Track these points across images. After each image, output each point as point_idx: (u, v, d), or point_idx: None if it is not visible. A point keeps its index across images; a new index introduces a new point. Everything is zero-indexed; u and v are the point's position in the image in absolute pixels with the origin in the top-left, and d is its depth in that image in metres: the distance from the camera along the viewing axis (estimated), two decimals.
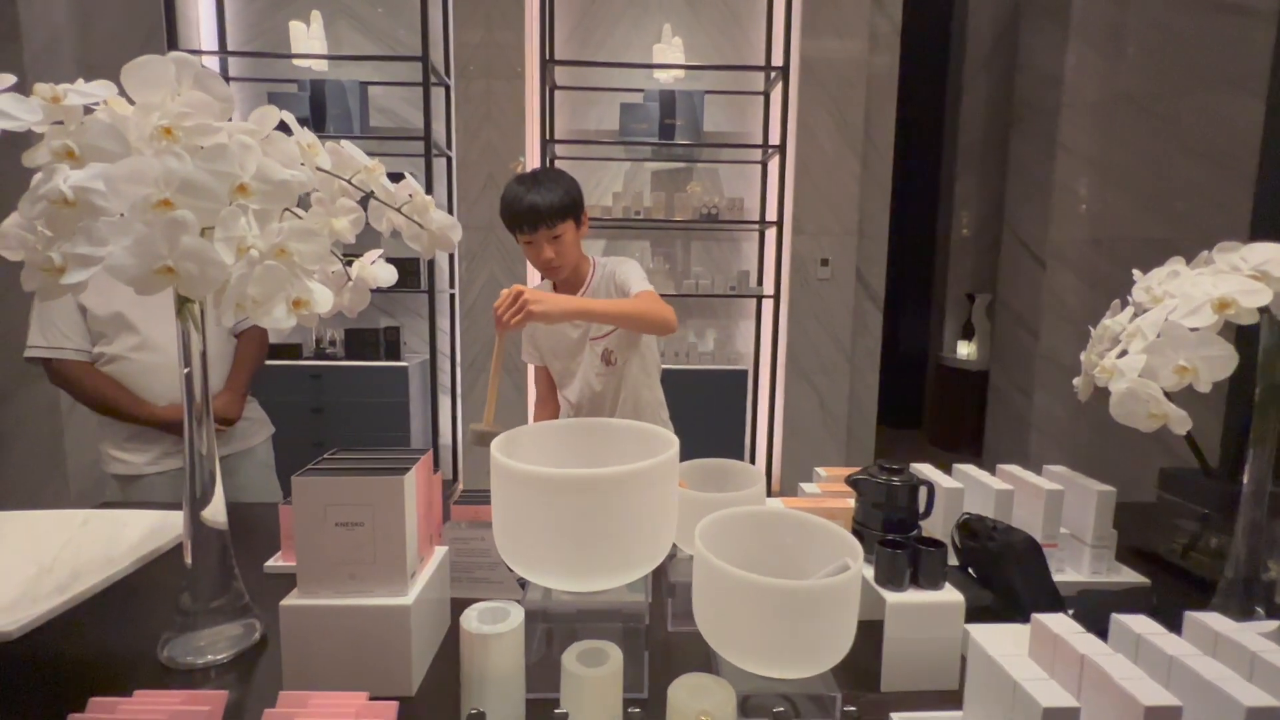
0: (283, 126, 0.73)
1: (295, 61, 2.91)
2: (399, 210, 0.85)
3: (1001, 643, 0.60)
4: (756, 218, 3.20)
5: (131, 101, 0.62)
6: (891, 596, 0.75)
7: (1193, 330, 0.74)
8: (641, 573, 0.73)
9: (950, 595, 0.76)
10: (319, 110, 2.81)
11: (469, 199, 3.02)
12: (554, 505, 0.66)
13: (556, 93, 3.11)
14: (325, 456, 0.79)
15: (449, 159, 3.12)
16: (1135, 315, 0.91)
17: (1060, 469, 1.14)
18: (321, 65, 2.99)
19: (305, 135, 0.76)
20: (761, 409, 3.27)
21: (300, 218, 0.76)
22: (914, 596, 0.75)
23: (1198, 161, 2.86)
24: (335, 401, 2.91)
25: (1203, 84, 2.86)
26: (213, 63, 2.98)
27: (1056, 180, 3.18)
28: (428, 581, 0.79)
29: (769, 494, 1.00)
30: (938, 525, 0.99)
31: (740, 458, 3.29)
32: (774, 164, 3.08)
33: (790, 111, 2.98)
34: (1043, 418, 3.30)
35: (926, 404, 4.80)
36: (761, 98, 3.19)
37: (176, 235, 0.55)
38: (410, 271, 2.99)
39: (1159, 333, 0.76)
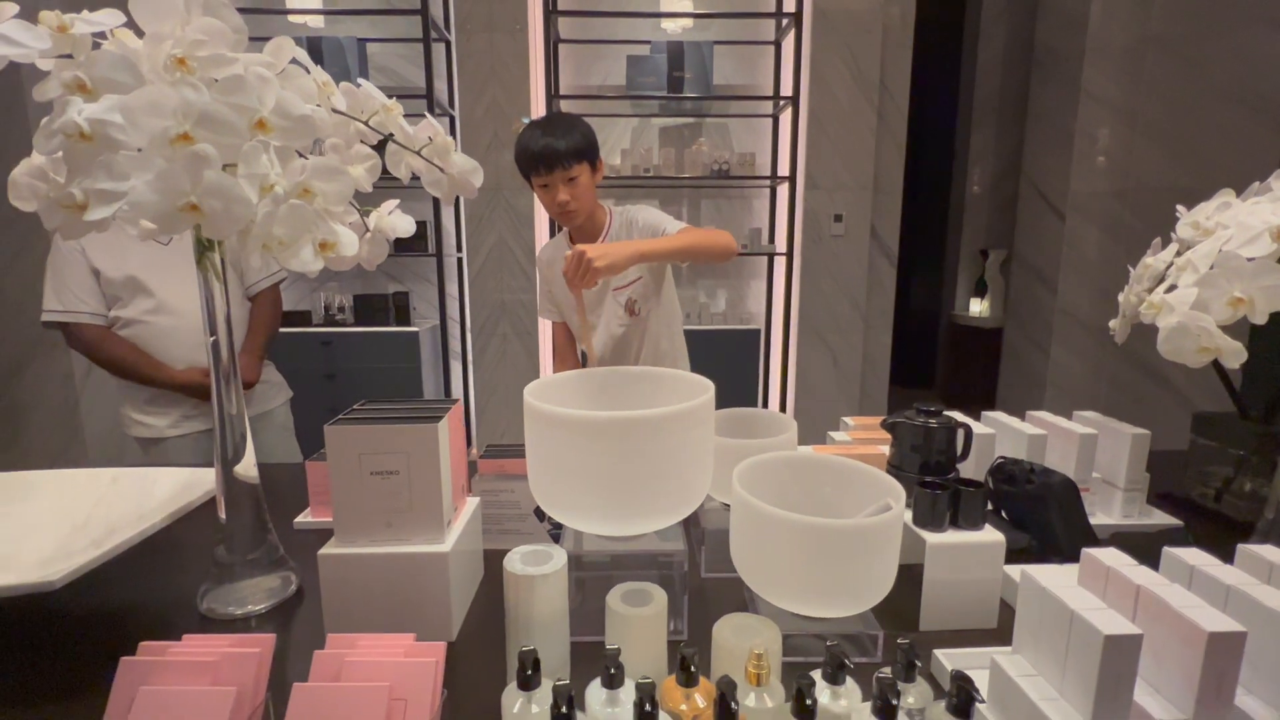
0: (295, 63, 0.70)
1: (290, 18, 2.82)
2: (418, 153, 0.82)
3: (1051, 578, 0.59)
4: (768, 173, 3.13)
5: (140, 34, 0.59)
6: (932, 537, 0.74)
7: (1249, 260, 0.71)
8: (680, 516, 0.72)
9: (991, 535, 0.75)
10: None
11: (474, 159, 2.94)
12: (594, 449, 0.65)
13: (561, 46, 3.01)
14: (355, 407, 0.78)
15: (452, 118, 3.05)
16: (1180, 251, 0.88)
17: (1092, 414, 1.12)
18: (317, 21, 2.90)
19: (320, 73, 0.73)
20: (774, 369, 3.26)
21: None
22: (954, 537, 0.74)
23: (1229, 106, 2.76)
24: (347, 368, 2.91)
25: (1236, 23, 2.74)
26: None
27: (1079, 129, 3.08)
28: (463, 531, 0.78)
29: None
30: (969, 471, 0.98)
31: None
32: (786, 117, 2.99)
33: (803, 61, 2.87)
34: (1060, 374, 3.27)
35: (939, 362, 4.77)
36: (772, 48, 3.08)
37: (199, 170, 0.53)
38: (418, 235, 2.95)
39: (1212, 264, 0.73)
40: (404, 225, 0.93)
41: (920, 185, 4.20)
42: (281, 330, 1.65)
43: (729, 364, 3.05)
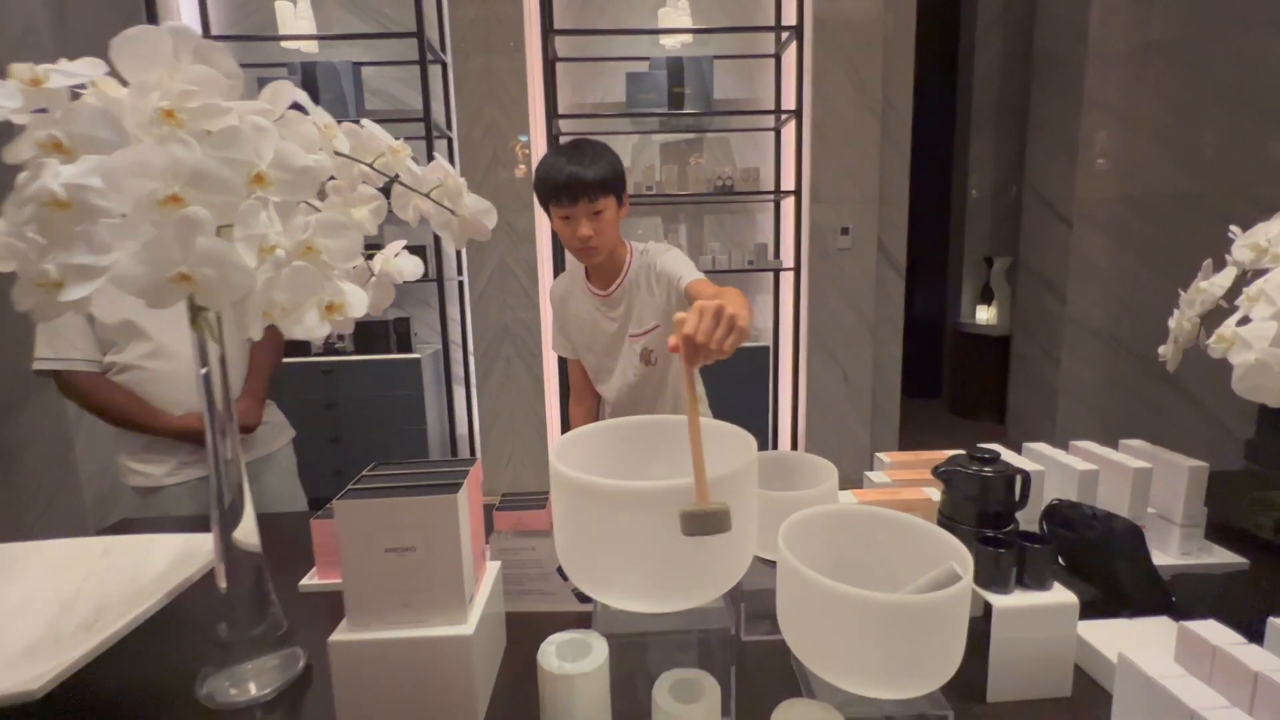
0: (296, 106, 0.65)
1: (284, 44, 2.78)
2: (427, 195, 0.77)
3: (1152, 664, 0.53)
4: (771, 188, 3.09)
5: (124, 83, 0.53)
6: (998, 600, 0.68)
7: None
8: (726, 588, 0.66)
9: (1061, 595, 0.69)
10: (311, 95, 2.67)
11: (473, 181, 2.90)
12: (633, 521, 0.59)
13: (559, 65, 2.98)
14: (365, 474, 0.72)
15: (450, 140, 3.01)
16: (1243, 276, 0.82)
17: (1139, 443, 1.06)
18: (311, 46, 2.86)
19: (321, 115, 0.67)
20: (784, 385, 3.20)
21: (317, 209, 0.68)
22: (1022, 599, 0.68)
23: (1232, 109, 2.73)
24: (348, 396, 2.84)
25: (1236, 26, 2.72)
26: None
27: (1081, 135, 3.05)
28: (485, 604, 0.72)
29: None
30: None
31: (764, 436, 3.23)
32: (788, 131, 2.96)
33: (805, 74, 2.84)
34: (1071, 383, 3.22)
35: (945, 371, 4.72)
36: (773, 61, 3.05)
37: (190, 236, 0.47)
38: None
39: None
40: (411, 268, 0.88)
41: (920, 194, 4.17)
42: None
43: (738, 382, 3.00)
